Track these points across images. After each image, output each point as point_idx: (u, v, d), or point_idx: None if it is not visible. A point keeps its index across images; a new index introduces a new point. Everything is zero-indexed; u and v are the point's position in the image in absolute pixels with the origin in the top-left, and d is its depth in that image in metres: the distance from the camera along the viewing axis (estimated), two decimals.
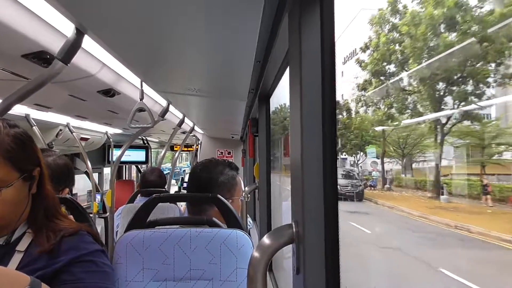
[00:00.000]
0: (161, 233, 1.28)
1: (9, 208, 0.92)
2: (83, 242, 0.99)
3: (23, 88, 1.38)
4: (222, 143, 6.64)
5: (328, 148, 0.74)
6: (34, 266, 0.91)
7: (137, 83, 2.26)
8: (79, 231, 1.01)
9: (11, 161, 0.91)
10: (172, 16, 1.09)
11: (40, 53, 1.45)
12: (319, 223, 0.74)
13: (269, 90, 2.07)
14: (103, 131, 4.75)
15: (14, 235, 0.96)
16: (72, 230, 1.00)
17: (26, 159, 0.95)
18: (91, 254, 0.97)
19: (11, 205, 0.92)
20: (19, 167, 0.92)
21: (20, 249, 0.94)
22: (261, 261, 0.79)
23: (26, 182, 0.95)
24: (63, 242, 0.96)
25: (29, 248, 0.95)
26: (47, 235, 0.96)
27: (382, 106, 8.96)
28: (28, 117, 2.98)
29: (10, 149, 0.91)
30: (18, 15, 1.20)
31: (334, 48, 0.75)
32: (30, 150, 0.97)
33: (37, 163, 0.99)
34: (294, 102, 0.81)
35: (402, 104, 7.57)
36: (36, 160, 0.98)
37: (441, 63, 5.34)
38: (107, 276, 0.98)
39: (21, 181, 0.93)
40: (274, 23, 1.15)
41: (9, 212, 0.93)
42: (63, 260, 0.93)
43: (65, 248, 0.95)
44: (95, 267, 0.96)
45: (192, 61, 1.65)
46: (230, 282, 1.25)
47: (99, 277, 0.95)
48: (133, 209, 2.56)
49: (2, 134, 0.91)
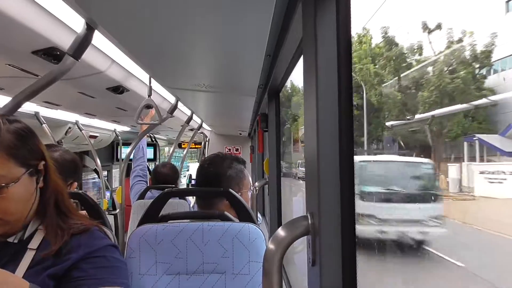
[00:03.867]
0: (174, 227, 1.28)
1: (18, 205, 0.92)
2: (93, 238, 0.98)
3: (34, 85, 1.38)
4: (229, 140, 6.64)
5: (345, 138, 0.73)
6: (45, 264, 0.91)
7: (146, 80, 2.26)
8: (90, 228, 1.00)
9: (15, 158, 0.90)
10: (182, 10, 1.09)
11: (50, 49, 1.45)
12: (335, 215, 0.73)
13: (278, 85, 2.05)
14: (112, 128, 4.77)
15: (26, 232, 0.96)
16: (83, 227, 0.99)
17: (29, 154, 0.93)
18: (102, 249, 0.97)
19: (19, 202, 0.92)
20: (24, 163, 0.91)
21: (32, 247, 0.93)
22: (276, 253, 0.78)
23: (32, 177, 0.94)
24: (74, 240, 0.95)
25: (41, 245, 0.94)
26: (57, 232, 0.95)
27: None
28: (37, 114, 3.00)
29: (13, 145, 0.90)
30: (28, 10, 1.20)
31: (350, 37, 0.74)
32: (33, 145, 0.96)
33: (42, 157, 0.97)
34: (308, 92, 0.81)
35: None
36: (40, 153, 0.97)
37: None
38: (119, 271, 0.97)
39: (27, 176, 0.92)
40: (286, 15, 1.13)
41: (18, 209, 0.92)
42: (74, 257, 0.92)
43: (75, 245, 0.94)
44: (107, 262, 0.95)
45: (202, 56, 1.65)
46: (242, 275, 1.25)
47: (110, 272, 0.95)
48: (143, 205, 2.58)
49: (3, 130, 0.89)
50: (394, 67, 3.50)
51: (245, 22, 1.15)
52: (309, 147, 0.80)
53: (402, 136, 3.31)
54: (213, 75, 2.06)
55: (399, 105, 3.47)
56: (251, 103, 2.84)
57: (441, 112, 3.00)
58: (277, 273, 0.78)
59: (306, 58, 0.85)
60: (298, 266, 2.55)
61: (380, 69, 3.76)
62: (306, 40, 0.84)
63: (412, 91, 3.32)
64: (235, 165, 1.56)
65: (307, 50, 0.83)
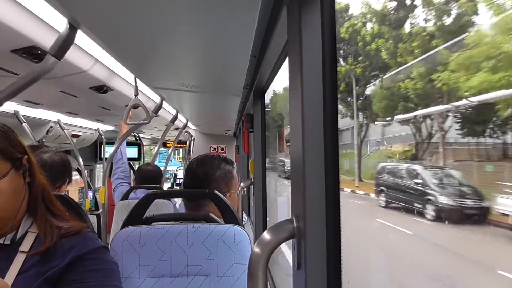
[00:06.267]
0: (158, 229, 1.27)
1: (9, 200, 0.92)
2: (86, 240, 0.98)
3: (14, 84, 1.35)
4: (215, 139, 6.62)
5: (330, 141, 0.73)
6: (37, 269, 0.91)
7: (130, 80, 2.24)
8: (82, 230, 1.00)
9: (0, 153, 0.91)
10: (167, 10, 1.08)
11: (30, 48, 1.42)
12: (320, 218, 0.74)
13: (264, 86, 2.06)
14: (95, 128, 4.70)
15: (18, 232, 0.96)
16: (74, 229, 0.99)
17: (13, 148, 0.95)
18: (94, 251, 0.97)
19: (10, 197, 0.92)
20: (9, 157, 0.92)
21: (23, 250, 0.93)
22: (262, 256, 0.78)
23: (19, 171, 0.95)
24: (66, 242, 0.96)
25: (32, 248, 0.94)
26: (47, 229, 0.96)
27: None
28: (17, 114, 2.93)
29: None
30: (6, 8, 1.17)
31: (335, 40, 0.75)
32: (14, 139, 0.97)
33: (24, 151, 0.98)
34: (294, 95, 0.81)
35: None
36: (22, 148, 0.98)
37: None
38: (112, 273, 0.98)
39: (14, 171, 0.93)
40: (271, 18, 1.13)
41: (9, 204, 0.92)
42: (66, 260, 0.92)
43: (67, 248, 0.94)
44: (99, 264, 0.96)
45: (187, 56, 1.64)
46: (227, 277, 1.24)
47: (103, 274, 0.95)
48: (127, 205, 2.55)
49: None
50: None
51: (231, 24, 1.15)
52: (295, 150, 0.80)
53: None
54: (199, 75, 2.05)
55: None
56: (236, 103, 2.84)
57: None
58: (263, 276, 0.78)
59: (291, 60, 0.85)
60: (282, 268, 2.54)
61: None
62: (291, 42, 0.84)
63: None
64: (224, 165, 1.55)
65: (292, 53, 0.84)
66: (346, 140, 2.85)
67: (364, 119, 2.81)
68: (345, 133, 2.86)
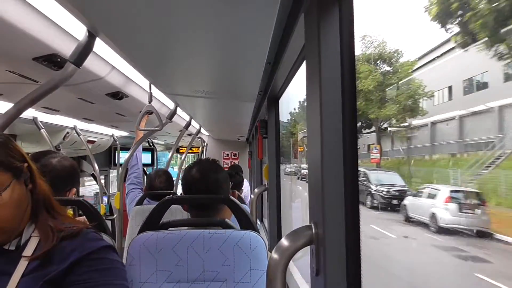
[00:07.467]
0: (175, 234, 1.28)
1: (14, 210, 0.92)
2: (87, 240, 0.97)
3: (35, 92, 1.38)
4: (227, 145, 6.64)
5: (349, 147, 0.73)
6: (41, 272, 0.90)
7: (145, 86, 2.26)
8: (82, 230, 0.99)
9: (1, 165, 0.90)
10: (183, 17, 1.09)
11: (51, 56, 1.45)
12: (340, 225, 0.73)
13: (278, 92, 2.06)
14: (110, 133, 4.76)
15: (22, 238, 0.96)
16: (75, 230, 0.98)
17: (12, 158, 0.94)
18: (98, 251, 0.96)
19: (14, 207, 0.92)
20: (9, 168, 0.92)
21: (26, 254, 0.93)
22: (280, 262, 0.78)
23: (20, 180, 0.94)
24: (67, 243, 0.95)
25: (35, 252, 0.94)
26: (48, 233, 0.95)
27: None
28: (36, 120, 2.98)
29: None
30: (29, 18, 1.20)
31: (353, 47, 0.74)
32: (13, 148, 0.96)
33: (23, 159, 0.98)
34: (312, 102, 0.81)
35: None
36: (21, 156, 0.97)
37: None
38: (117, 272, 0.96)
39: (16, 181, 0.92)
40: (288, 24, 1.14)
41: (13, 215, 0.92)
42: (69, 261, 0.91)
43: (69, 249, 0.94)
44: (103, 264, 0.95)
45: (202, 63, 1.65)
46: (243, 283, 1.24)
47: (108, 274, 0.94)
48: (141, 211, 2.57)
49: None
50: None
51: (247, 30, 1.16)
52: (313, 157, 0.80)
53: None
54: (213, 81, 2.07)
55: None
56: (250, 109, 2.84)
57: None
58: (281, 282, 0.78)
59: (309, 67, 0.85)
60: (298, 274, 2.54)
61: None
62: (309, 49, 0.84)
63: None
64: (220, 169, 1.53)
65: (310, 59, 0.84)
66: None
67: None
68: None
